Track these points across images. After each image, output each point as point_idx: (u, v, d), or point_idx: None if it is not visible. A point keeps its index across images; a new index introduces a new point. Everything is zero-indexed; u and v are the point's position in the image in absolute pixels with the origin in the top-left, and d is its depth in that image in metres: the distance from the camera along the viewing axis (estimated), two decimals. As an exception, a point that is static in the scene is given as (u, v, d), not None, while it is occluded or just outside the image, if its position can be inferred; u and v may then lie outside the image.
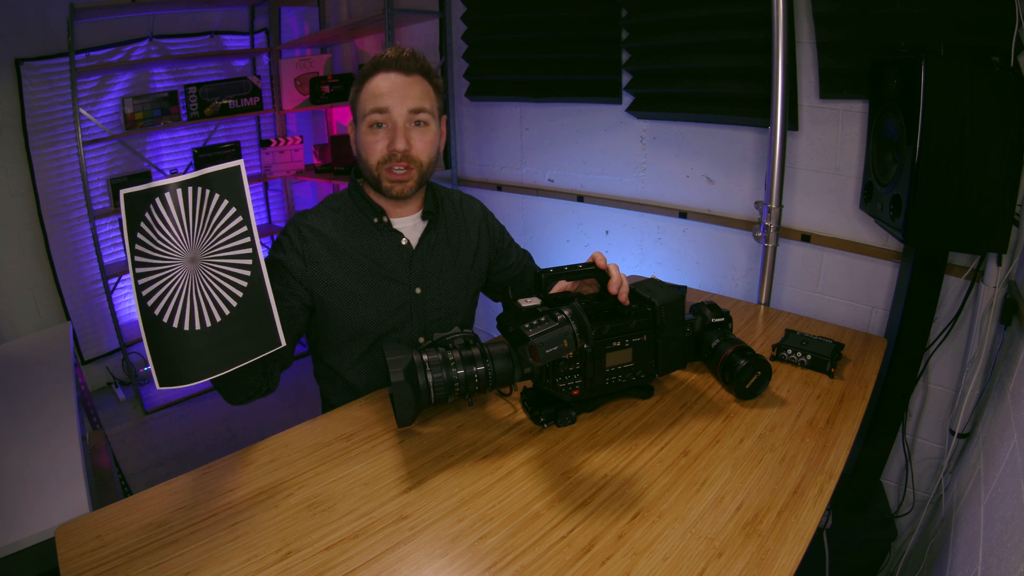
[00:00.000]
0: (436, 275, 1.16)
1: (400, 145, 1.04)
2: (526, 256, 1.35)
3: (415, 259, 1.13)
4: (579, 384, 0.91)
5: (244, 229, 0.79)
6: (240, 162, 0.78)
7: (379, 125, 1.05)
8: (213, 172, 0.75)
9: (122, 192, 0.70)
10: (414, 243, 1.14)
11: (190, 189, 0.74)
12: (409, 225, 1.16)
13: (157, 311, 0.74)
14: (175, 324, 0.75)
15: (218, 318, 0.78)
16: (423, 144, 1.08)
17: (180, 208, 0.73)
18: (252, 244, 0.80)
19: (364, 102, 1.06)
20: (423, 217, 1.17)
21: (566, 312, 0.83)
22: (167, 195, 0.73)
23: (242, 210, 0.78)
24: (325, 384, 1.22)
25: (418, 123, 1.07)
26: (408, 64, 1.05)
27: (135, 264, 0.72)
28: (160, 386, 0.75)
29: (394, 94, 1.04)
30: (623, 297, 0.93)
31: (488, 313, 1.69)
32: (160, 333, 0.74)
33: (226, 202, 0.77)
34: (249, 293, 0.81)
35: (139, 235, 0.72)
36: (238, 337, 0.81)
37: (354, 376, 1.15)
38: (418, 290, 1.13)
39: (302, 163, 3.13)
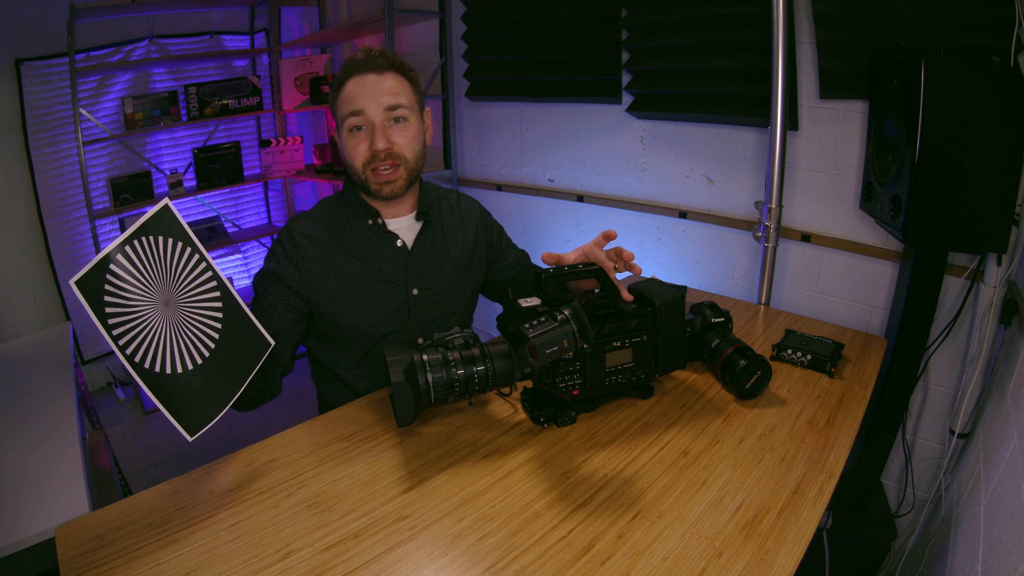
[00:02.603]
0: (433, 276, 1.15)
1: (380, 144, 1.04)
2: (524, 256, 1.35)
3: (411, 260, 1.13)
4: (579, 384, 0.91)
5: (197, 257, 0.81)
6: (166, 200, 0.79)
7: (358, 128, 1.05)
8: (146, 220, 0.75)
9: (72, 283, 0.68)
10: (409, 244, 1.14)
11: (135, 243, 0.73)
12: (404, 226, 1.15)
13: (157, 368, 0.73)
14: (178, 370, 0.75)
15: (212, 345, 0.80)
16: (405, 140, 1.06)
17: (134, 264, 0.73)
18: (209, 267, 0.82)
19: (340, 107, 1.06)
20: (417, 218, 1.16)
21: (566, 312, 0.83)
22: (118, 258, 0.72)
23: (188, 241, 0.80)
24: (323, 385, 1.22)
25: (397, 119, 1.06)
26: (378, 63, 1.04)
27: (116, 337, 0.71)
28: (191, 438, 0.74)
29: (368, 94, 1.03)
30: (633, 268, 0.94)
31: (488, 313, 1.69)
32: (167, 388, 0.74)
33: (171, 240, 0.78)
34: (227, 313, 0.83)
35: (107, 309, 0.70)
36: (233, 356, 0.83)
37: (354, 379, 1.15)
38: (415, 291, 1.13)
39: (302, 163, 3.13)
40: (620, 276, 0.97)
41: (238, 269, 3.32)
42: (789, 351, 1.14)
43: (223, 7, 3.01)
